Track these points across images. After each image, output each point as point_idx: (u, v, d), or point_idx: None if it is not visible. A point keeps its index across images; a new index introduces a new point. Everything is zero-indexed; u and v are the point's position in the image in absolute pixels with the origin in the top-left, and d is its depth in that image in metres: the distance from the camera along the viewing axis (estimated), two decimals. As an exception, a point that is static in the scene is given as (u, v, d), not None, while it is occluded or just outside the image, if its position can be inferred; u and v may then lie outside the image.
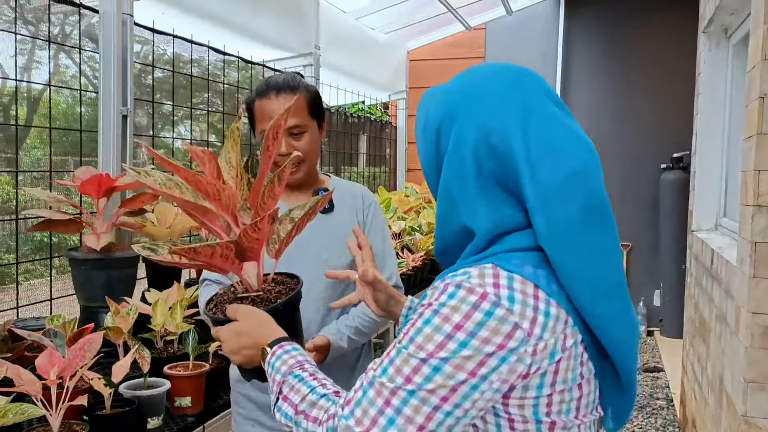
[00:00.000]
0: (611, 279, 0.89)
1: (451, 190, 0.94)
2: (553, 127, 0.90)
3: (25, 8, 2.25)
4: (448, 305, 0.84)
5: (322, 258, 1.74)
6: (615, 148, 5.90)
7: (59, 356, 1.38)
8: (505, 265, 0.87)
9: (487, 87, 0.94)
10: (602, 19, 5.91)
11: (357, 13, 4.91)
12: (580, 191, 0.87)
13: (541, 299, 0.85)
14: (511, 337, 0.82)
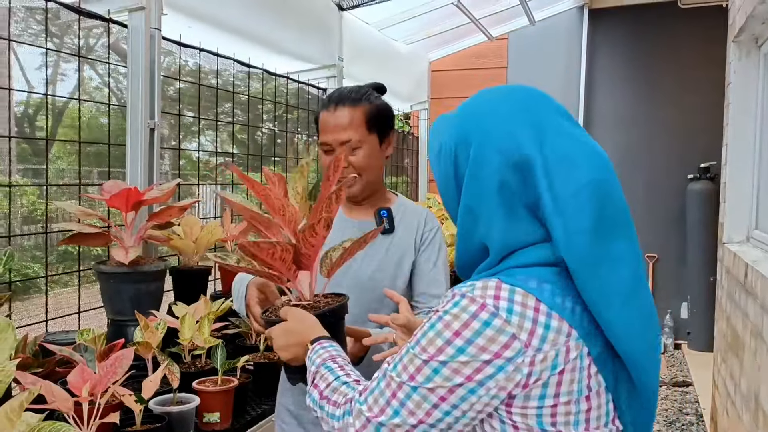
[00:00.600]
0: (628, 286, 0.91)
1: (473, 208, 0.98)
2: (566, 141, 0.94)
3: (53, 22, 2.26)
4: (451, 313, 0.91)
5: (375, 278, 1.73)
6: (640, 157, 5.84)
7: (91, 372, 1.38)
8: (508, 279, 0.92)
9: (500, 108, 0.98)
10: (627, 28, 5.86)
11: (379, 25, 4.91)
12: (595, 200, 0.91)
13: (542, 312, 0.89)
14: (508, 347, 0.87)
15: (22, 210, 10.02)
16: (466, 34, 5.82)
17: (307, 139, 4.39)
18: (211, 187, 4.39)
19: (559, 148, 0.93)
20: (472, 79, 6.25)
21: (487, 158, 0.96)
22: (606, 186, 0.94)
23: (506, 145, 0.94)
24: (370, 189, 1.77)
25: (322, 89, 4.32)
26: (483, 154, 0.96)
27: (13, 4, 2.11)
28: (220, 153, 3.63)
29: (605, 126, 5.96)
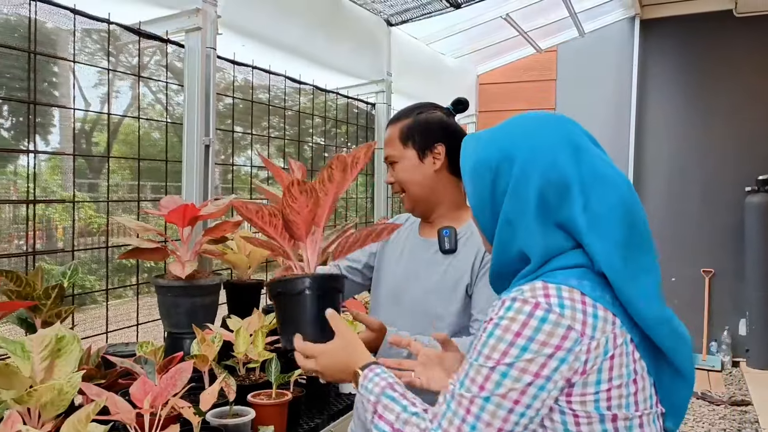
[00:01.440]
0: (656, 289, 1.01)
1: (512, 221, 1.06)
2: (597, 161, 1.05)
3: (115, 44, 2.35)
4: (507, 317, 0.96)
5: (428, 299, 1.71)
6: (695, 170, 5.70)
7: (152, 384, 1.41)
8: (552, 279, 1.00)
9: (539, 130, 1.08)
10: (679, 38, 5.74)
11: (427, 39, 4.93)
12: (627, 217, 1.02)
13: (588, 303, 0.97)
14: (566, 338, 0.94)
15: (79, 224, 10.36)
16: (514, 46, 5.79)
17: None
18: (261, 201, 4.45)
19: (594, 168, 1.03)
20: (520, 92, 6.22)
21: (531, 175, 1.04)
22: (635, 204, 1.04)
23: (548, 164, 1.03)
24: (423, 205, 1.77)
25: (371, 104, 4.36)
26: (527, 171, 1.04)
27: (78, 27, 2.20)
28: (264, 167, 3.69)
29: (658, 138, 5.84)
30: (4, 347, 1.36)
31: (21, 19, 2.00)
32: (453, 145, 1.72)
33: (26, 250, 2.01)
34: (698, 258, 5.75)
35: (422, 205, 1.77)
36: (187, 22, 2.50)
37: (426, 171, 1.73)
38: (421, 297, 1.71)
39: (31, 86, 1.99)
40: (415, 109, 1.77)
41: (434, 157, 1.73)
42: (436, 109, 1.78)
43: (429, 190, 1.75)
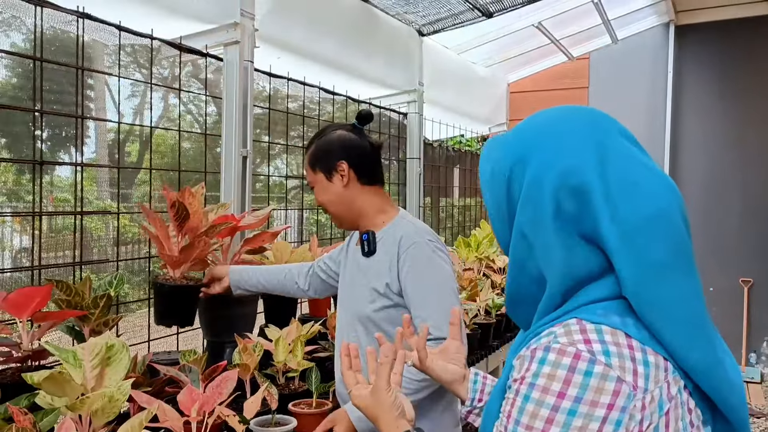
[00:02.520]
0: (703, 324, 0.84)
1: (527, 235, 0.89)
2: (631, 166, 0.86)
3: (141, 54, 2.40)
4: (543, 374, 0.80)
5: (354, 299, 1.86)
6: (733, 179, 5.60)
7: (199, 393, 1.44)
8: (589, 317, 0.83)
9: (560, 128, 0.90)
10: (716, 44, 5.66)
11: (458, 48, 4.95)
12: (664, 232, 0.82)
13: (636, 348, 0.80)
14: (618, 393, 0.77)
15: (115, 233, 10.54)
16: (545, 54, 5.77)
17: (388, 161, 4.45)
18: (291, 210, 4.50)
19: (623, 172, 0.85)
20: (551, 101, 6.18)
21: (545, 180, 0.87)
22: (675, 217, 0.84)
23: (565, 167, 0.86)
24: (346, 219, 1.90)
25: (403, 114, 4.38)
26: (540, 175, 0.88)
27: (123, 45, 2.26)
28: (295, 176, 3.73)
29: (695, 147, 5.76)
30: (57, 355, 1.40)
31: (55, 33, 2.05)
32: (356, 159, 1.85)
33: (73, 260, 2.07)
34: (737, 268, 5.64)
35: (345, 220, 1.90)
36: (226, 36, 2.55)
37: (335, 189, 1.86)
38: (356, 301, 1.85)
39: (79, 101, 2.04)
40: (319, 134, 1.91)
41: (340, 174, 1.85)
42: (337, 129, 1.89)
43: (344, 205, 1.87)
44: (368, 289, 1.81)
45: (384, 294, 1.77)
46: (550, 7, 4.56)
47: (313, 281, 2.17)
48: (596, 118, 0.92)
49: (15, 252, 9.02)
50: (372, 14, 3.68)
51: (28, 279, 1.90)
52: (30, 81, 1.94)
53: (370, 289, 1.80)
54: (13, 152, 10.09)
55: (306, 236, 4.70)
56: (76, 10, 2.03)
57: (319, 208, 1.97)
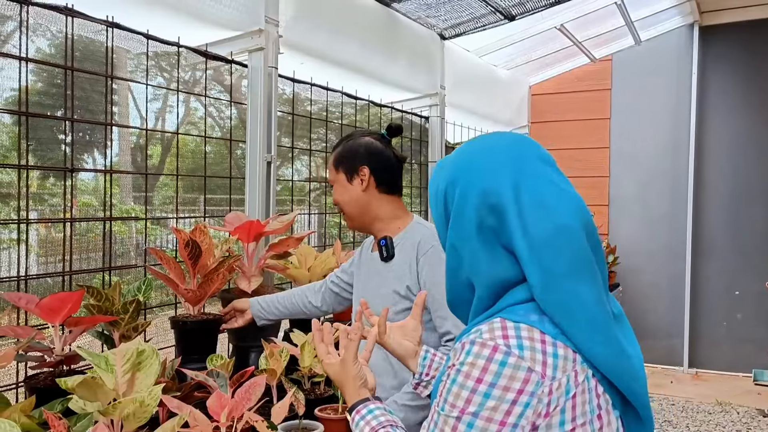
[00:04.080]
0: (602, 323, 0.97)
1: (457, 246, 1.05)
2: (542, 187, 1.01)
3: (162, 58, 2.43)
4: (467, 363, 0.94)
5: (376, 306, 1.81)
6: (759, 180, 5.52)
7: (228, 398, 1.45)
8: (510, 316, 0.97)
9: (484, 153, 1.06)
10: (742, 45, 5.58)
11: (480, 51, 4.94)
12: (566, 245, 0.97)
13: (548, 342, 0.95)
14: (528, 381, 0.91)
15: (138, 236, 10.65)
16: (567, 56, 5.74)
17: (410, 164, 4.45)
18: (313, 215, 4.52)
19: (534, 193, 1.00)
20: (573, 102, 6.15)
21: (469, 199, 1.03)
22: (578, 231, 0.99)
23: (486, 187, 1.01)
24: (358, 221, 1.96)
25: (425, 117, 4.38)
26: (466, 194, 1.03)
27: (151, 50, 2.29)
28: (317, 179, 3.75)
29: (720, 149, 5.68)
30: (90, 360, 1.42)
31: (79, 38, 2.08)
32: (378, 166, 1.92)
33: (102, 266, 2.10)
34: (763, 272, 5.55)
35: (357, 221, 1.97)
36: (251, 42, 2.58)
37: (354, 191, 1.93)
38: (376, 306, 1.81)
39: (107, 109, 2.07)
40: (348, 137, 1.98)
41: (361, 179, 1.91)
42: (366, 136, 1.96)
43: (359, 207, 1.93)
44: (389, 292, 1.85)
45: (405, 296, 1.83)
46: (573, 9, 4.54)
47: (326, 297, 2.22)
48: (517, 144, 1.07)
49: (40, 256, 9.16)
50: (394, 19, 3.69)
51: (52, 282, 1.94)
52: (54, 85, 1.97)
53: (391, 293, 1.85)
54: (38, 157, 10.23)
55: (328, 239, 4.71)
56: (106, 20, 2.06)
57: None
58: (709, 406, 4.92)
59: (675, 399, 5.07)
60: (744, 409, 4.84)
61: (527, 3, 3.88)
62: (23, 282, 1.86)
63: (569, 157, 6.14)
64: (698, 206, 5.71)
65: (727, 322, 5.69)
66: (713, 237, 5.71)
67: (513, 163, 1.03)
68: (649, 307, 5.85)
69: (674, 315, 5.79)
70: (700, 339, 5.75)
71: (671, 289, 5.82)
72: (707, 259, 5.73)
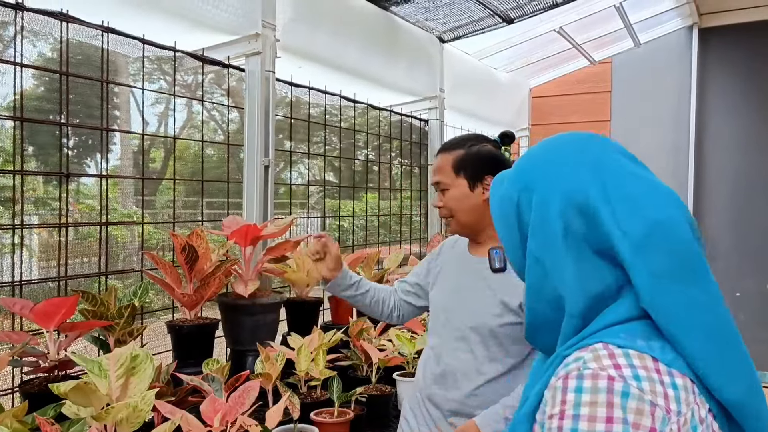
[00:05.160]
0: (723, 333, 0.82)
1: (540, 258, 0.91)
2: (628, 180, 0.89)
3: (165, 62, 2.44)
4: (585, 403, 0.76)
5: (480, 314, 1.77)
6: (760, 181, 5.50)
7: (222, 402, 1.45)
8: (614, 341, 0.82)
9: (560, 152, 0.95)
10: (742, 47, 5.57)
11: (479, 54, 4.94)
12: (670, 241, 0.83)
13: (663, 372, 0.79)
14: (653, 416, 0.75)
15: (139, 239, 10.65)
16: (567, 59, 5.74)
17: (410, 167, 4.46)
18: (315, 218, 4.51)
19: (621, 186, 0.88)
20: (574, 105, 6.14)
21: (550, 203, 0.90)
22: (682, 225, 0.85)
23: (568, 188, 0.90)
24: (468, 229, 1.86)
25: (424, 120, 4.39)
26: (546, 199, 0.91)
27: (147, 54, 2.29)
28: (317, 182, 3.76)
29: (721, 150, 5.67)
30: (83, 366, 1.42)
31: (79, 42, 2.08)
32: None
33: (99, 270, 2.10)
34: (764, 273, 5.54)
35: (468, 229, 1.87)
36: (248, 46, 2.58)
37: (475, 200, 1.83)
38: (474, 311, 1.78)
39: (103, 114, 2.08)
40: (467, 141, 1.86)
41: (484, 188, 1.83)
42: (486, 142, 1.87)
43: (477, 217, 1.84)
44: (496, 301, 1.76)
45: (514, 311, 1.74)
46: (572, 12, 4.54)
47: (401, 308, 2.04)
48: (592, 140, 0.96)
49: (39, 260, 9.16)
50: (393, 22, 3.69)
51: (49, 287, 1.94)
52: (56, 90, 1.98)
53: (499, 302, 1.75)
54: (39, 161, 10.25)
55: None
56: (101, 24, 2.07)
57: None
58: (711, 408, 4.90)
59: (676, 402, 5.05)
60: (746, 411, 4.82)
61: (525, 6, 3.88)
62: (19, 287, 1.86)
63: (570, 160, 6.14)
64: (699, 208, 5.70)
65: (728, 324, 5.67)
66: (714, 239, 5.70)
67: (592, 159, 0.92)
68: (651, 310, 5.83)
69: (675, 317, 5.77)
70: (702, 341, 5.73)
71: (672, 291, 5.80)
72: (709, 260, 5.69)
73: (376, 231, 3.90)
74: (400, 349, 2.39)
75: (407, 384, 2.26)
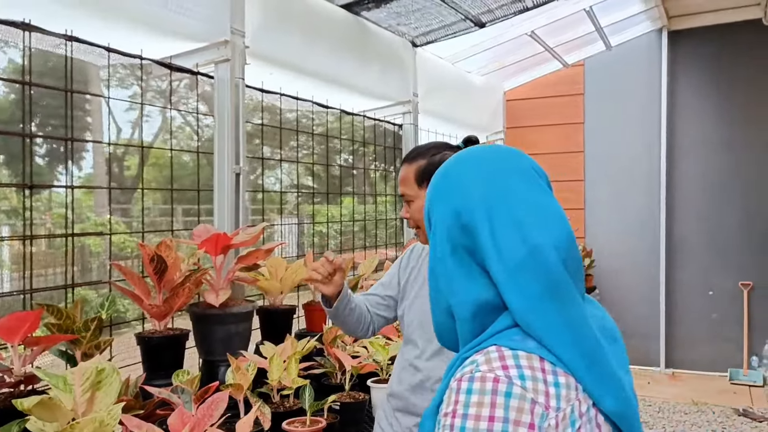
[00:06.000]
0: (590, 349, 0.89)
1: (434, 268, 0.99)
2: (517, 205, 0.93)
3: (138, 67, 2.41)
4: (473, 403, 0.83)
5: None
6: (730, 181, 5.60)
7: (190, 415, 1.43)
8: (507, 343, 0.88)
9: (458, 171, 1.00)
10: (709, 49, 5.67)
11: (453, 58, 4.96)
12: (542, 266, 0.89)
13: (548, 371, 0.86)
14: (533, 413, 0.82)
15: (113, 249, 10.52)
16: (540, 62, 5.79)
17: (384, 171, 4.46)
18: (294, 224, 4.50)
19: (509, 212, 0.93)
20: (548, 108, 6.20)
21: (442, 220, 0.97)
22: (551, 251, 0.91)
23: (458, 206, 0.95)
24: None
25: (398, 125, 4.39)
26: (441, 216, 0.98)
27: (113, 62, 2.27)
28: (293, 188, 3.74)
29: (691, 151, 5.75)
30: (47, 381, 1.40)
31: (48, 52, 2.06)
32: None
33: (65, 283, 2.07)
34: (735, 271, 5.63)
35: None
36: (216, 53, 2.56)
37: None
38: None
39: (68, 123, 2.05)
40: (429, 150, 1.83)
41: None
42: (449, 149, 1.83)
43: None
44: None
45: None
46: (543, 16, 4.58)
47: (375, 320, 1.96)
48: (493, 159, 0.99)
49: (12, 271, 9.01)
50: (364, 27, 3.69)
51: (22, 299, 1.90)
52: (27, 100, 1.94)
53: None
54: (11, 170, 10.12)
55: (304, 249, 4.70)
56: (65, 33, 2.04)
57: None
58: (686, 406, 4.97)
59: (652, 400, 5.11)
60: (720, 408, 4.89)
61: (496, 10, 3.90)
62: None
63: (545, 162, 6.08)
64: (671, 207, 5.78)
65: (702, 322, 5.75)
66: (687, 238, 5.78)
67: (487, 179, 0.97)
68: (626, 309, 5.90)
69: (650, 316, 5.85)
70: (677, 339, 5.81)
71: (647, 290, 5.88)
72: (681, 259, 5.79)
73: (354, 236, 3.90)
74: (374, 356, 2.39)
75: (381, 391, 2.25)
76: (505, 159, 1.00)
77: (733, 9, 5.44)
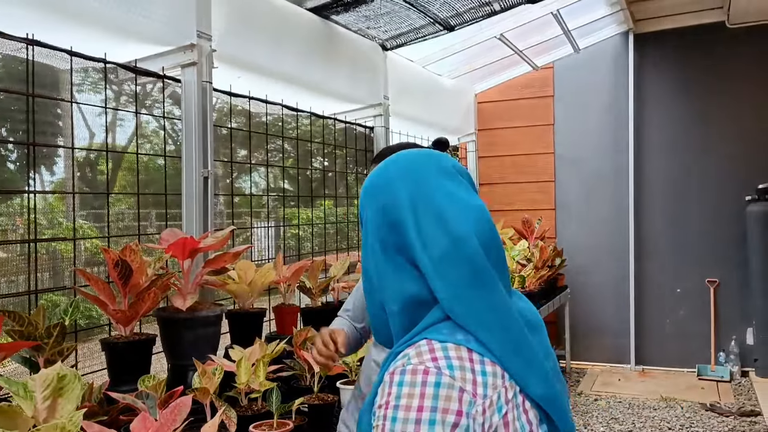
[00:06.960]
0: (515, 335, 0.94)
1: (367, 269, 1.04)
2: (439, 199, 0.99)
3: (111, 71, 2.40)
4: (404, 395, 0.87)
5: None
6: (695, 181, 5.71)
7: (152, 420, 1.43)
8: (436, 336, 0.92)
9: (386, 172, 1.05)
10: (674, 51, 5.78)
11: (423, 61, 5.00)
12: (464, 256, 0.94)
13: (476, 360, 0.90)
14: (461, 401, 0.86)
15: (86, 254, 10.40)
16: (510, 65, 5.85)
17: (356, 173, 4.47)
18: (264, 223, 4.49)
19: (432, 207, 0.98)
20: (519, 110, 6.26)
21: (372, 220, 1.03)
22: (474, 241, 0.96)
23: (385, 206, 1.01)
24: None
25: (369, 128, 4.41)
26: (370, 216, 1.04)
27: (75, 66, 2.25)
28: (272, 190, 3.74)
29: (657, 150, 5.86)
30: (7, 388, 1.39)
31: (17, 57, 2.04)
32: None
33: (29, 289, 2.05)
34: (702, 269, 5.74)
35: None
36: (183, 57, 2.56)
37: None
38: None
39: (30, 128, 2.03)
40: (395, 150, 1.82)
41: None
42: None
43: None
44: None
45: None
46: (511, 19, 4.63)
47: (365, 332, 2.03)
48: (417, 160, 1.06)
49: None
50: (333, 30, 3.70)
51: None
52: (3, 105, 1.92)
53: None
54: (-18, 176, 9.93)
55: (288, 251, 4.70)
56: (26, 37, 2.02)
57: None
58: (655, 402, 5.05)
59: (622, 396, 5.19)
60: (688, 403, 4.98)
61: (465, 14, 3.94)
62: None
63: (516, 163, 6.27)
64: (639, 207, 5.88)
65: (670, 319, 5.85)
66: (654, 237, 5.88)
67: (409, 177, 1.03)
68: (597, 307, 5.98)
69: (620, 314, 5.93)
70: (646, 336, 5.90)
71: (617, 288, 5.96)
72: (649, 258, 5.89)
73: (328, 238, 3.90)
74: (343, 358, 2.40)
75: (350, 392, 2.26)
76: (428, 160, 1.06)
77: (697, 12, 5.56)
